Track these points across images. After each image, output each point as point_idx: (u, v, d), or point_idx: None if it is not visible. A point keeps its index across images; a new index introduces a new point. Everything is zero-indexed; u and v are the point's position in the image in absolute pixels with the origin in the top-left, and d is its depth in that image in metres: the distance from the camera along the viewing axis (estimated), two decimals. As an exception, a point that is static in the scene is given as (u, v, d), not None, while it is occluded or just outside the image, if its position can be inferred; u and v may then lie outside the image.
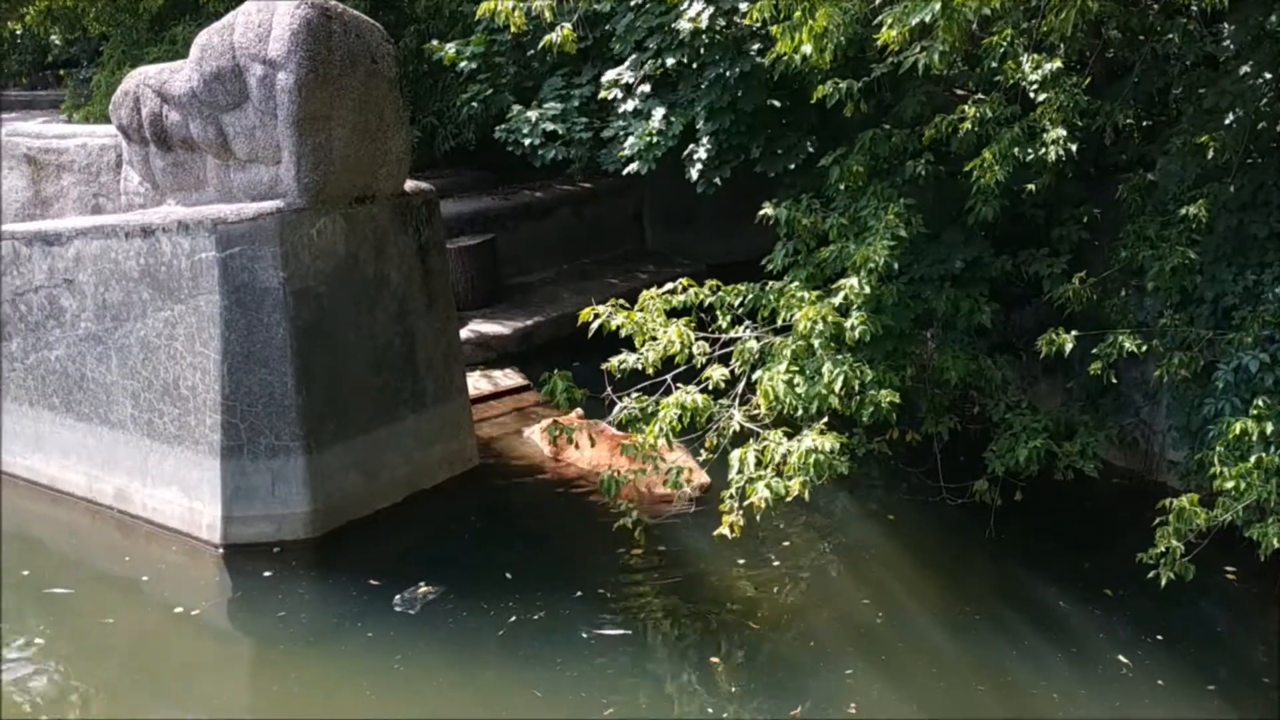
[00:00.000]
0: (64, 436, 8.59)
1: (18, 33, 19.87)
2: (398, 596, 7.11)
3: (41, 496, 8.66)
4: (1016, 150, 7.11)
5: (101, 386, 8.30)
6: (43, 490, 8.70)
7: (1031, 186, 7.63)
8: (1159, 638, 6.57)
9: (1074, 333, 7.06)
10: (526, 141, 10.34)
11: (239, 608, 7.32)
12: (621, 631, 6.77)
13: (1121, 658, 6.42)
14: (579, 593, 7.16)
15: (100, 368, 8.27)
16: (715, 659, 6.55)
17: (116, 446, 8.29)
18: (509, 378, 10.85)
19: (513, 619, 6.87)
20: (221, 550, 7.70)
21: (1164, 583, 6.09)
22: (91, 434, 8.43)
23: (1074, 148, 7.16)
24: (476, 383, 10.39)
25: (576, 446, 8.74)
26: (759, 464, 6.46)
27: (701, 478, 8.03)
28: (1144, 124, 8.69)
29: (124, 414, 8.21)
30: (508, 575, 7.34)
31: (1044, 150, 7.10)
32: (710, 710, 6.12)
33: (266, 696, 6.50)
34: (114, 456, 8.31)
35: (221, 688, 6.53)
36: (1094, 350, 7.20)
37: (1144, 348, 7.11)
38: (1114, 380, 7.41)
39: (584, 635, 6.71)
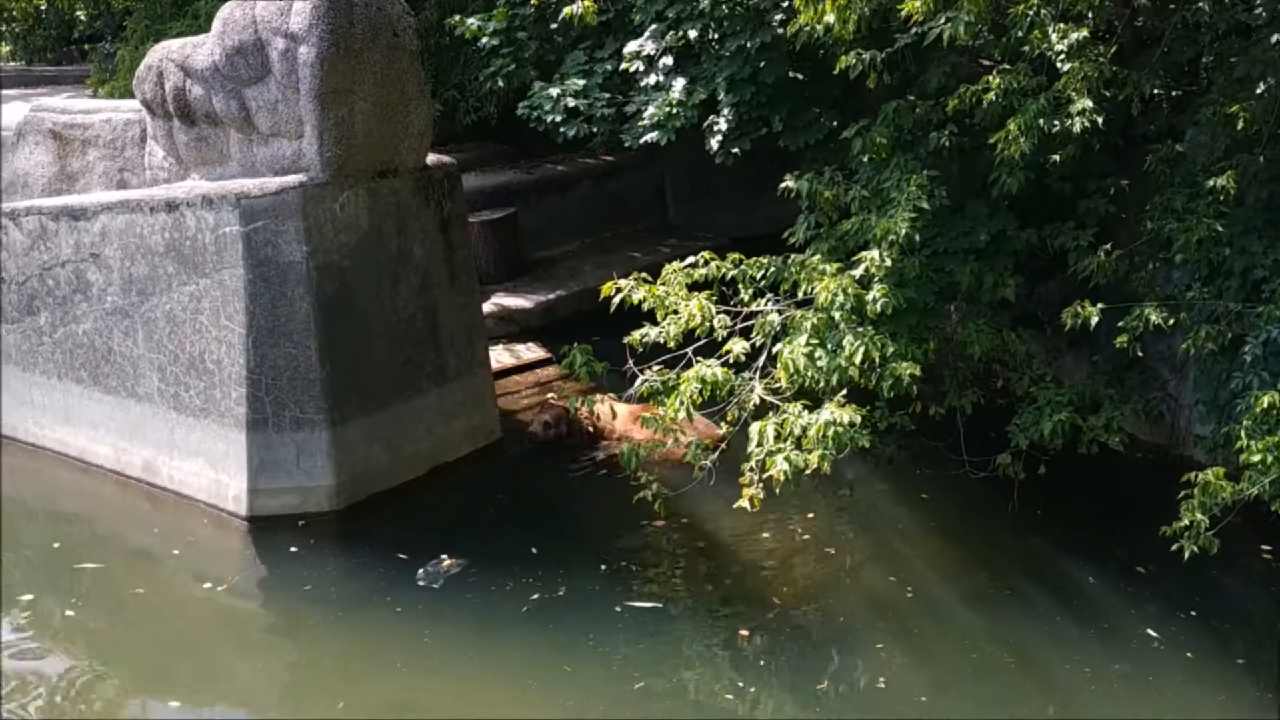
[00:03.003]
0: (92, 409, 8.69)
1: (42, 8, 19.98)
2: (421, 570, 7.16)
3: (71, 468, 8.78)
4: (1042, 122, 7.03)
5: (128, 360, 8.38)
6: (72, 462, 8.81)
7: (1057, 158, 7.55)
8: (1191, 613, 6.54)
9: (1100, 306, 6.99)
10: (548, 118, 10.32)
11: (267, 580, 7.40)
12: (649, 605, 6.81)
13: (1151, 632, 6.40)
14: (603, 566, 7.19)
15: (127, 341, 8.35)
16: (744, 632, 6.58)
17: (143, 419, 8.38)
18: (531, 351, 10.87)
19: (538, 592, 6.91)
20: (247, 522, 7.78)
21: (1187, 556, 6.06)
22: (119, 407, 8.52)
23: (1100, 119, 7.08)
24: (499, 356, 10.42)
25: (599, 420, 8.77)
26: (778, 437, 6.46)
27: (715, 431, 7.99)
28: (1173, 94, 8.56)
29: (150, 387, 8.29)
30: (532, 550, 7.38)
31: (1070, 121, 7.02)
32: (741, 684, 6.15)
33: (299, 669, 6.59)
34: (141, 429, 8.40)
35: (253, 660, 6.63)
36: (1120, 323, 7.14)
37: (1171, 321, 7.05)
38: (1140, 354, 7.35)
39: (613, 609, 6.74)
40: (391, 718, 5.92)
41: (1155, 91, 7.77)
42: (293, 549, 7.51)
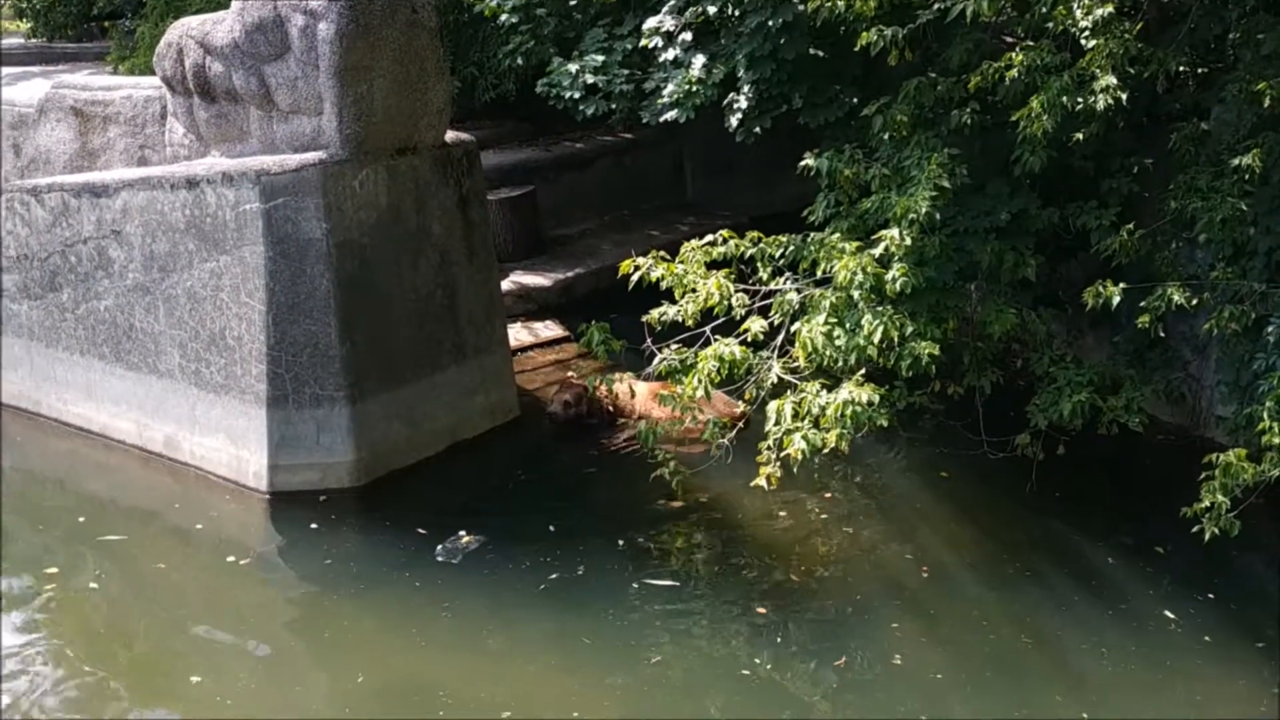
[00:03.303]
0: (114, 385, 8.76)
1: (63, -15, 19.96)
2: (440, 546, 7.21)
3: (94, 444, 8.86)
4: (1065, 99, 6.95)
5: (150, 336, 8.43)
6: (95, 438, 8.90)
7: (1080, 136, 7.46)
8: (1210, 595, 6.52)
9: (1122, 285, 6.94)
10: (567, 95, 10.28)
11: (288, 555, 7.47)
12: (667, 582, 6.83)
13: (1169, 614, 6.38)
14: (621, 543, 7.22)
15: (148, 318, 8.41)
16: (761, 610, 6.60)
17: (165, 395, 8.44)
18: (549, 329, 10.88)
19: (557, 569, 6.95)
20: (268, 498, 7.85)
21: (1208, 537, 6.03)
22: (141, 383, 8.58)
23: (1125, 96, 6.98)
24: (517, 334, 10.43)
25: (618, 399, 8.78)
26: (796, 416, 6.46)
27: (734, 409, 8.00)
28: (1199, 71, 8.46)
29: (172, 363, 8.35)
30: (550, 527, 7.41)
31: (1093, 99, 6.94)
32: (757, 660, 6.17)
33: (319, 643, 6.65)
34: (163, 405, 8.47)
35: (274, 634, 6.69)
36: (1142, 303, 7.08)
37: (1194, 301, 6.98)
38: (1162, 334, 7.30)
39: (631, 586, 6.78)
40: (411, 691, 5.97)
41: (1181, 68, 7.66)
42: (313, 524, 7.57)
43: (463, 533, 7.32)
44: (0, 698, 5.87)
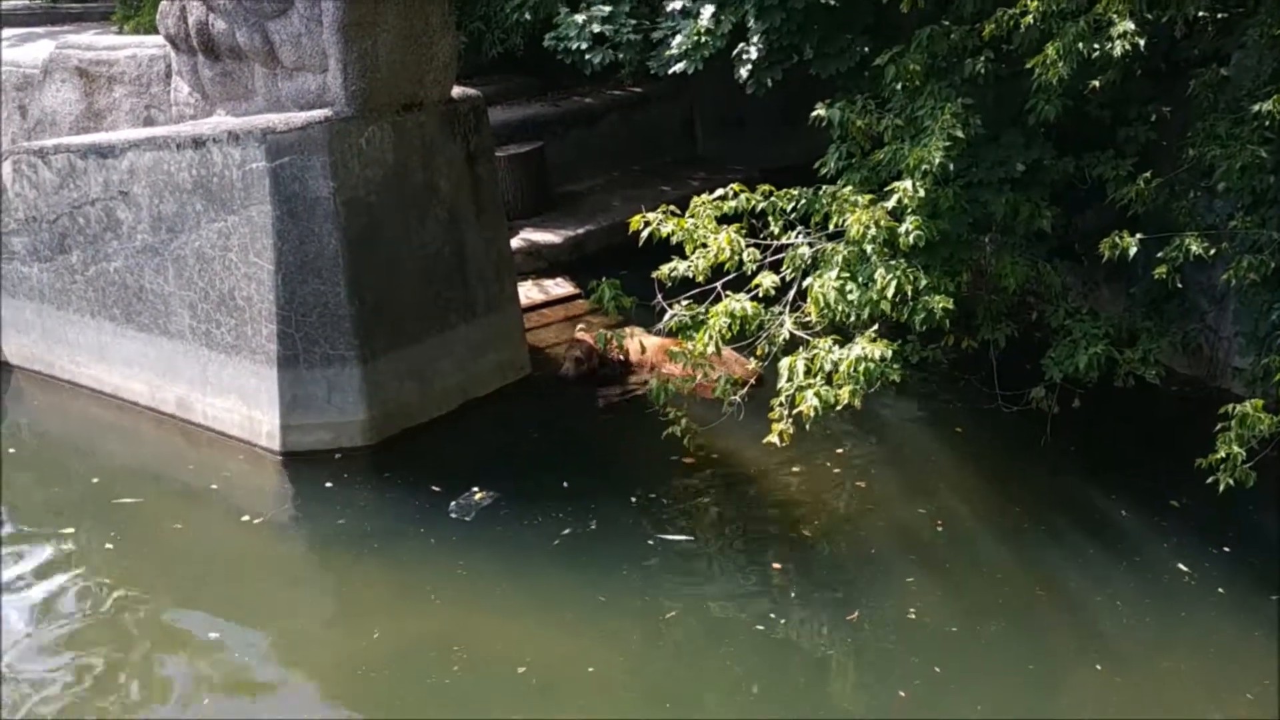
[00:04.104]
0: (126, 347, 8.76)
1: (66, -57, 19.80)
2: (452, 504, 7.23)
3: (108, 405, 8.88)
4: (1081, 45, 6.82)
5: (160, 297, 8.42)
6: (108, 399, 8.92)
7: (1096, 84, 7.33)
8: (1225, 549, 6.51)
9: (1138, 236, 6.85)
10: (574, 46, 10.15)
11: (303, 515, 7.50)
12: (680, 538, 6.85)
13: (1183, 566, 6.37)
14: (633, 500, 7.23)
15: (158, 279, 8.39)
16: (776, 565, 6.60)
17: (176, 356, 8.44)
18: (560, 286, 10.84)
19: (570, 526, 6.96)
20: (281, 458, 7.87)
21: (1222, 489, 6.00)
22: (152, 344, 8.59)
23: (1142, 42, 6.85)
24: (528, 291, 10.39)
25: (629, 353, 8.76)
26: (808, 372, 6.42)
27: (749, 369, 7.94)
28: (1218, 16, 8.28)
29: (182, 324, 8.34)
30: (563, 484, 7.42)
31: (1110, 45, 6.80)
32: (773, 614, 6.19)
33: (335, 600, 6.71)
34: (174, 366, 8.47)
35: (291, 592, 6.73)
36: (1159, 254, 6.99)
37: (1212, 251, 6.88)
38: (1179, 285, 7.21)
39: (644, 542, 6.79)
40: (427, 647, 6.01)
41: (1200, 13, 7.51)
42: (327, 484, 7.59)
43: (475, 490, 7.33)
44: None
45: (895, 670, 5.72)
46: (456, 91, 8.49)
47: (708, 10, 9.29)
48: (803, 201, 7.31)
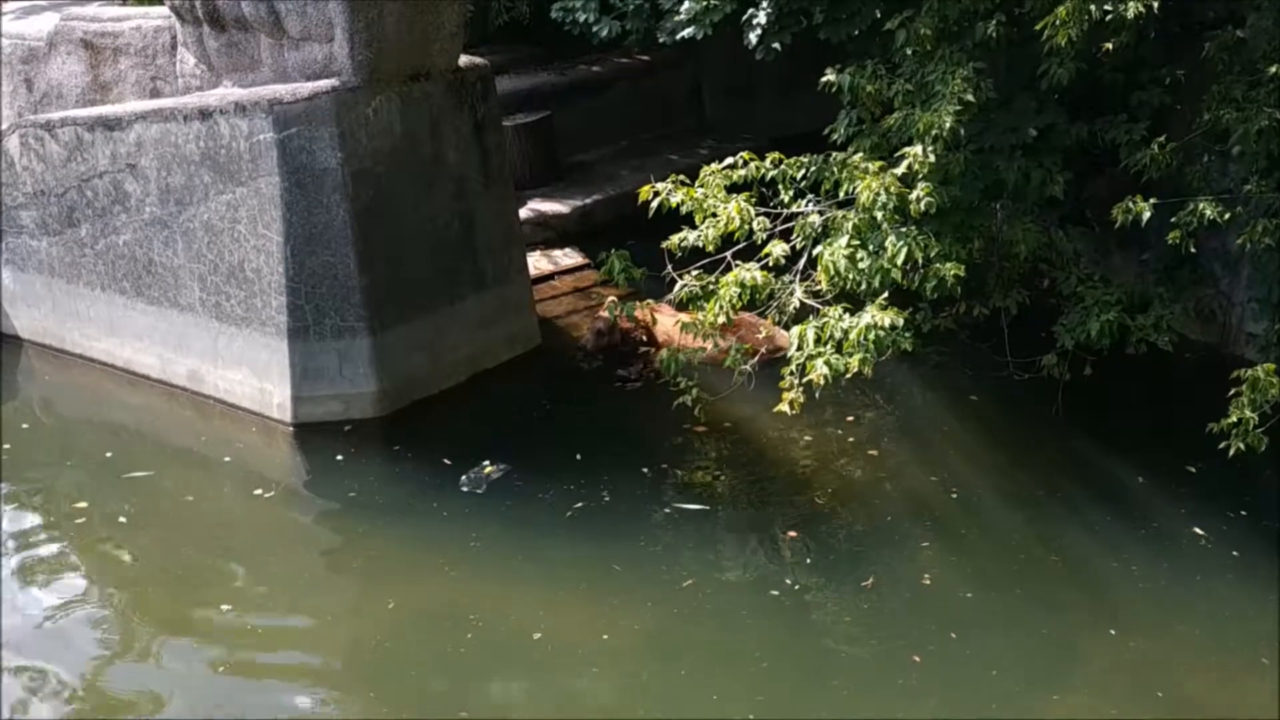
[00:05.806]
0: (136, 320, 8.77)
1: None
2: (463, 476, 7.23)
3: (119, 379, 8.89)
4: (1093, 7, 6.75)
5: (169, 270, 8.41)
6: (119, 373, 8.93)
7: (1109, 47, 7.25)
8: (1241, 513, 6.52)
9: (1152, 201, 6.80)
10: (582, 17, 10.06)
11: (314, 486, 7.52)
12: (694, 507, 6.85)
13: (1198, 531, 6.38)
14: (646, 470, 7.23)
15: (167, 252, 8.38)
16: (791, 533, 6.62)
17: (187, 329, 8.44)
18: (569, 257, 10.80)
19: (583, 496, 6.97)
20: (293, 430, 7.88)
21: (1233, 452, 6.01)
22: (162, 317, 8.59)
23: (1156, 4, 6.77)
24: (536, 262, 10.35)
25: (640, 324, 8.72)
26: (819, 341, 6.40)
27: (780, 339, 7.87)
28: (1234, -23, 8.18)
29: (192, 297, 8.34)
30: (576, 455, 7.41)
31: (1124, 6, 6.72)
32: (788, 581, 6.22)
33: (348, 572, 6.74)
34: (185, 339, 8.48)
35: (304, 564, 6.77)
36: (1172, 219, 6.94)
37: (1226, 216, 6.83)
38: (1193, 250, 7.16)
39: (659, 512, 6.81)
40: (443, 617, 6.03)
41: (1216, -26, 7.43)
42: (338, 455, 7.60)
43: (486, 462, 7.34)
44: None
45: (910, 635, 5.74)
46: (464, 61, 8.43)
47: (716, -25, 9.21)
48: (813, 169, 7.26)
